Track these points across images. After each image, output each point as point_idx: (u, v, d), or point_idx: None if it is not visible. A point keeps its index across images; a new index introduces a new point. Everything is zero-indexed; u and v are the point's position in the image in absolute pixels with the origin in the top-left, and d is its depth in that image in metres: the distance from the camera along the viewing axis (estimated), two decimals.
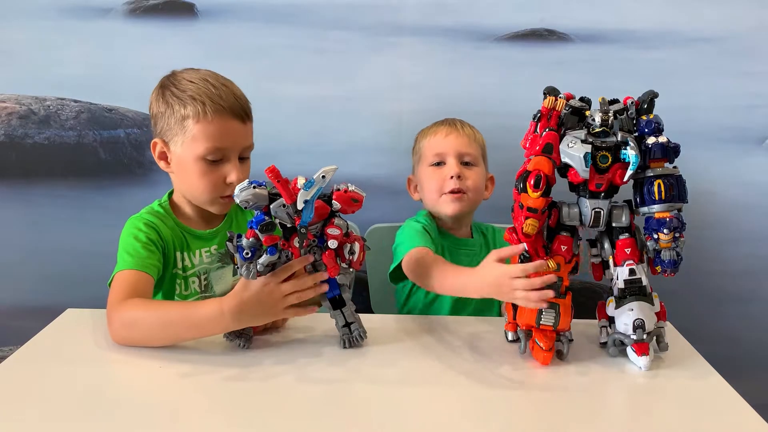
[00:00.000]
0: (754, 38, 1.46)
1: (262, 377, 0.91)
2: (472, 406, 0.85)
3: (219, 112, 1.08)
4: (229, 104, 1.09)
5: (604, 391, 0.90)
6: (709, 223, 1.55)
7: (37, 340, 1.02)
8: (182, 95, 1.10)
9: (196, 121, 1.08)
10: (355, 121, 1.51)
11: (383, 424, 0.80)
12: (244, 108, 1.12)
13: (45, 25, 1.48)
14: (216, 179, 1.11)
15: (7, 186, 1.56)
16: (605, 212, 0.96)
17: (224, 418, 0.81)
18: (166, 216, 1.16)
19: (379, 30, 1.47)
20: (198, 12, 1.48)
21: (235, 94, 1.12)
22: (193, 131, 1.08)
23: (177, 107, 1.10)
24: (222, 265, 1.18)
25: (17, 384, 0.88)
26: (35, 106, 1.52)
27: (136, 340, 0.99)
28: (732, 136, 1.51)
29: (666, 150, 0.94)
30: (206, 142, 1.08)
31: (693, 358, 1.00)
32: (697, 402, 0.87)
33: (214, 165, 1.10)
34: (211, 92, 1.09)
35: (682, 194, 0.95)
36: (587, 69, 1.48)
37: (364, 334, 1.00)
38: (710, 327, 1.58)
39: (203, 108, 1.07)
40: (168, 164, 1.14)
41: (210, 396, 0.86)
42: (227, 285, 1.19)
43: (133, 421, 0.80)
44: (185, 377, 0.90)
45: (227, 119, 1.09)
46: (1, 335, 1.60)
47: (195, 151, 1.09)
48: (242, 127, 1.12)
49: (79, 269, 1.55)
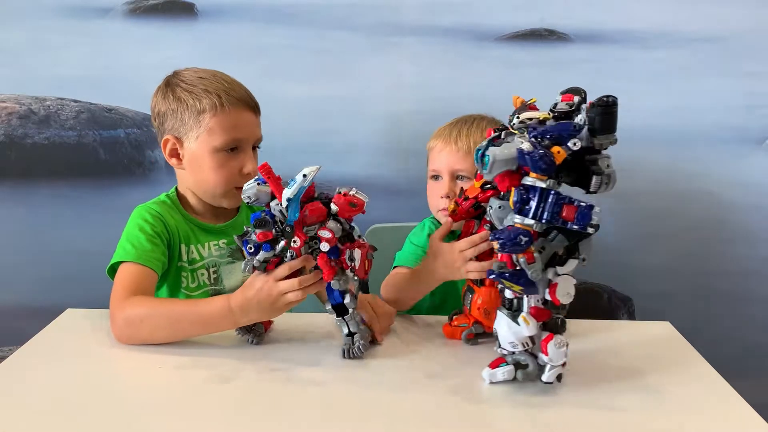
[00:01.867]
0: (754, 38, 1.46)
1: (262, 378, 0.91)
2: (471, 413, 0.85)
3: (234, 104, 1.10)
4: (242, 96, 1.12)
5: (602, 391, 0.90)
6: (709, 223, 1.56)
7: (37, 340, 1.02)
8: (195, 89, 1.11)
9: (213, 113, 1.09)
10: (355, 121, 1.51)
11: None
12: (254, 100, 1.15)
13: (45, 25, 1.48)
14: (232, 170, 1.12)
15: (7, 186, 1.56)
16: (490, 211, 0.88)
17: (224, 418, 0.81)
18: (174, 207, 1.17)
19: (379, 30, 1.48)
20: (198, 12, 1.48)
21: (244, 88, 1.14)
22: (210, 124, 1.09)
23: (192, 102, 1.10)
24: (233, 260, 1.19)
25: (17, 384, 0.88)
26: (35, 106, 1.52)
27: (142, 338, 0.99)
28: (732, 136, 1.51)
29: (523, 157, 0.80)
30: (224, 134, 1.10)
31: (693, 358, 1.00)
32: (697, 402, 0.87)
33: (230, 157, 1.12)
34: (224, 85, 1.11)
35: (525, 210, 0.81)
36: (587, 69, 1.48)
37: (364, 348, 0.97)
38: (710, 327, 1.58)
39: (219, 100, 1.09)
40: (180, 161, 1.14)
41: (209, 396, 0.86)
42: (237, 280, 1.18)
43: (133, 420, 0.80)
44: (185, 377, 0.90)
45: (243, 110, 1.11)
46: (1, 335, 1.60)
47: (212, 143, 1.10)
48: (255, 119, 1.15)
49: (79, 269, 1.55)
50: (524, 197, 0.80)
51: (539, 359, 0.87)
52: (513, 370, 0.88)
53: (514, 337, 0.86)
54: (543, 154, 0.78)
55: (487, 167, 0.81)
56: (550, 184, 0.79)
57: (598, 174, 0.80)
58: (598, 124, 0.78)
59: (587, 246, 0.84)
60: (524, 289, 0.83)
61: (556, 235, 0.82)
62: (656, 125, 1.51)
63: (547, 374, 0.86)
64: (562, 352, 0.85)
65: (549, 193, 0.79)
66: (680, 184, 1.54)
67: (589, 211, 0.79)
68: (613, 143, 0.81)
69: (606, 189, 0.81)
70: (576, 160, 0.81)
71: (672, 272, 1.58)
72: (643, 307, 1.60)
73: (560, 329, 0.87)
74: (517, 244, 0.80)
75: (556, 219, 0.79)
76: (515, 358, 0.88)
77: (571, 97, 0.82)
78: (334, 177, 1.52)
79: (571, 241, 0.83)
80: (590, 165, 0.81)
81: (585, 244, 0.84)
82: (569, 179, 0.82)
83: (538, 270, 0.81)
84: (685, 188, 1.54)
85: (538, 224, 0.80)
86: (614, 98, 0.78)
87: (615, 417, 0.83)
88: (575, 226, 0.79)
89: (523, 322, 0.85)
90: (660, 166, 1.54)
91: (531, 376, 0.87)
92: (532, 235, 0.80)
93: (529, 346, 0.86)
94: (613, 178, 0.81)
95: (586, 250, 0.84)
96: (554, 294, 0.83)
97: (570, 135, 0.79)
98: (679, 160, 1.53)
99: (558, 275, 0.83)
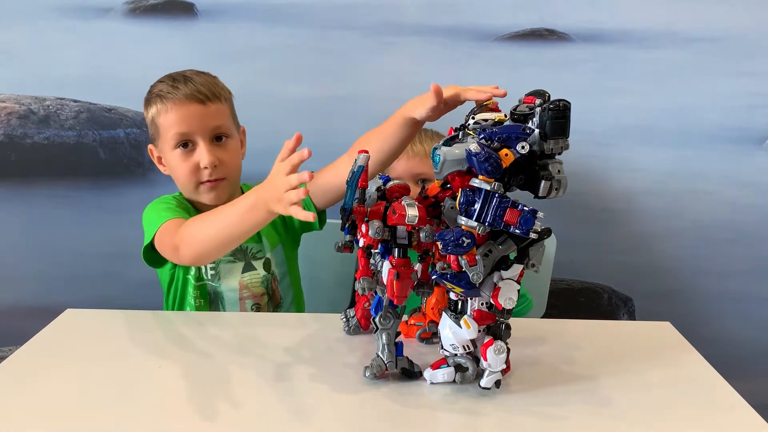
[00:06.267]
0: (754, 38, 1.46)
1: (263, 378, 0.90)
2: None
3: (175, 101, 1.14)
4: (185, 91, 1.14)
5: (603, 391, 0.90)
6: (709, 223, 1.56)
7: (37, 340, 1.01)
8: (151, 98, 1.18)
9: (159, 115, 1.15)
10: (355, 121, 1.51)
11: None
12: (202, 90, 1.15)
13: (45, 25, 1.48)
14: (191, 166, 1.16)
15: (6, 186, 1.56)
16: (444, 210, 0.89)
17: (224, 418, 0.81)
18: (185, 202, 1.22)
19: (379, 30, 1.48)
20: (198, 12, 1.48)
21: (192, 80, 1.15)
22: (163, 125, 1.15)
23: (149, 110, 1.18)
24: (233, 260, 1.21)
25: (17, 384, 0.88)
26: (35, 106, 1.52)
27: (201, 247, 1.02)
28: (732, 136, 1.51)
29: (470, 158, 0.78)
30: (170, 131, 1.15)
31: (693, 358, 1.00)
32: (697, 402, 0.87)
33: (187, 153, 1.16)
34: (168, 86, 1.15)
35: (470, 212, 0.79)
36: (587, 69, 1.48)
37: (375, 372, 0.88)
38: (710, 327, 1.59)
39: (162, 101, 1.14)
40: (165, 167, 1.22)
41: (210, 396, 0.86)
42: (235, 282, 1.22)
43: (134, 420, 0.80)
44: (185, 377, 0.90)
45: (186, 104, 1.14)
46: (1, 335, 1.60)
47: (167, 143, 1.16)
48: (203, 109, 1.15)
49: (79, 269, 1.55)
50: (470, 199, 0.79)
51: (480, 364, 0.86)
52: (453, 372, 0.87)
53: (455, 339, 0.85)
54: (489, 156, 0.76)
55: (438, 166, 0.81)
56: (496, 186, 0.78)
57: (548, 179, 0.78)
58: (549, 129, 0.76)
59: (537, 252, 0.82)
60: (465, 292, 0.82)
61: (505, 239, 0.81)
62: (656, 125, 1.51)
63: (485, 380, 0.85)
64: (501, 358, 0.84)
65: (493, 196, 0.78)
66: (680, 184, 1.54)
67: (532, 216, 0.78)
68: (565, 148, 0.79)
69: (556, 195, 0.79)
70: (530, 165, 0.80)
71: (672, 272, 1.58)
72: (643, 307, 1.60)
73: (504, 334, 0.86)
74: (459, 246, 0.78)
75: (498, 222, 0.78)
76: (457, 361, 0.88)
77: (533, 99, 0.80)
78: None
79: (519, 246, 0.82)
80: (540, 170, 0.79)
81: (535, 250, 0.82)
82: (522, 183, 0.81)
83: (479, 273, 0.80)
84: (685, 188, 1.54)
85: (481, 227, 0.79)
86: (566, 103, 0.77)
87: (615, 417, 0.83)
88: (517, 231, 0.78)
89: (464, 324, 0.84)
90: (660, 166, 1.54)
91: (469, 380, 0.87)
92: (475, 238, 0.79)
93: (470, 349, 0.86)
94: (563, 184, 0.79)
95: (535, 256, 0.82)
96: (496, 298, 0.82)
97: (518, 138, 0.77)
98: (679, 160, 1.53)
99: (502, 279, 0.82)
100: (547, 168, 0.78)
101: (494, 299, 0.82)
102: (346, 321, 1.03)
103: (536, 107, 0.78)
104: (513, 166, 0.78)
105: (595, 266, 1.59)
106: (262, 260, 1.24)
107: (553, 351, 1.00)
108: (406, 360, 0.89)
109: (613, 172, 1.55)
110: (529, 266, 0.82)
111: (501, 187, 0.78)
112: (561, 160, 0.80)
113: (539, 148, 0.78)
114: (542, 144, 0.77)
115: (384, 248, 0.88)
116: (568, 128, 0.77)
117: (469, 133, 0.83)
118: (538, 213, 0.78)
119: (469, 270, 0.79)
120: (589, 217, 1.56)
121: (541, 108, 0.77)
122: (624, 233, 1.57)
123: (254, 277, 1.23)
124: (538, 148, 0.77)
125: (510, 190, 0.80)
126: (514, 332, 0.89)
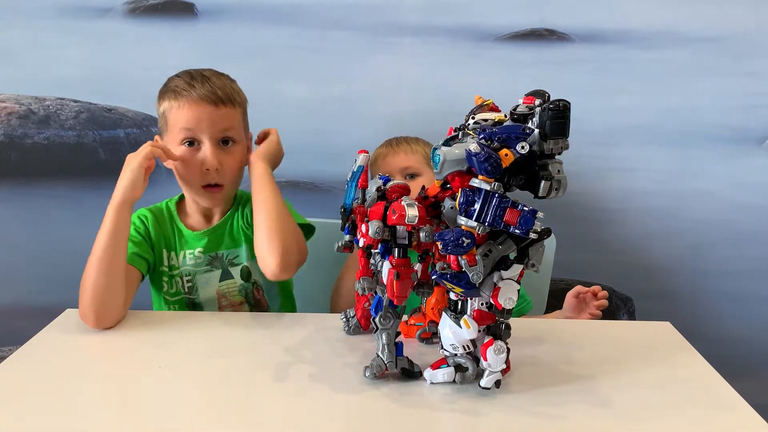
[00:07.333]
0: (754, 38, 1.46)
1: (263, 378, 0.90)
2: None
3: (189, 99, 1.13)
4: (200, 91, 1.13)
5: (603, 391, 0.90)
6: (708, 223, 1.56)
7: (37, 340, 1.02)
8: (166, 91, 1.16)
9: (171, 110, 1.14)
10: (355, 121, 1.51)
11: None
12: (217, 93, 1.14)
13: (45, 25, 1.48)
14: (195, 166, 1.15)
15: (6, 186, 1.56)
16: (443, 211, 0.89)
17: (224, 418, 0.81)
18: (163, 215, 1.21)
19: (379, 30, 1.48)
20: (198, 12, 1.48)
21: (210, 80, 1.15)
22: (172, 121, 1.14)
23: (162, 104, 1.16)
24: (210, 269, 1.20)
25: (17, 384, 0.88)
26: (35, 106, 1.52)
27: (88, 293, 1.05)
28: (732, 136, 1.51)
29: (470, 158, 0.78)
30: (178, 126, 1.14)
31: (693, 358, 1.00)
32: (697, 402, 0.87)
33: (192, 151, 1.15)
34: (185, 83, 1.14)
35: (470, 212, 0.79)
36: (587, 69, 1.48)
37: (375, 372, 0.89)
38: (710, 327, 1.59)
39: (176, 97, 1.13)
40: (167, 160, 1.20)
41: (210, 396, 0.86)
42: (212, 291, 1.21)
43: (134, 420, 0.80)
44: (185, 377, 0.90)
45: (197, 104, 1.13)
46: (1, 335, 1.60)
47: (173, 138, 1.15)
48: (214, 111, 1.14)
49: (79, 269, 1.53)
50: (469, 199, 0.79)
51: (480, 364, 0.86)
52: (453, 372, 0.87)
53: (455, 339, 0.85)
54: (489, 156, 0.76)
55: (438, 166, 0.81)
56: (495, 186, 0.78)
57: (547, 179, 0.78)
58: (549, 129, 0.76)
59: (537, 252, 0.82)
60: (465, 292, 0.82)
61: (505, 239, 0.81)
62: (656, 125, 1.51)
63: (485, 380, 0.85)
64: (501, 358, 0.83)
65: (493, 196, 0.78)
66: (680, 184, 1.54)
67: (532, 216, 0.77)
68: (565, 148, 0.79)
69: (556, 195, 0.79)
70: (530, 165, 0.80)
71: (672, 272, 1.58)
72: (643, 307, 1.60)
73: (504, 334, 0.86)
74: (459, 246, 0.78)
75: (498, 222, 0.78)
76: (456, 361, 0.88)
77: (533, 99, 0.80)
78: (333, 177, 1.52)
79: (519, 246, 0.82)
80: (540, 170, 0.79)
81: (534, 250, 0.82)
82: (521, 183, 0.81)
83: (479, 273, 0.79)
84: (685, 188, 1.54)
85: (480, 227, 0.79)
86: (566, 103, 0.76)
87: (615, 416, 0.83)
88: (517, 231, 0.78)
89: (464, 324, 0.84)
90: (660, 166, 1.54)
91: (469, 380, 0.87)
92: (475, 238, 0.79)
93: (470, 349, 0.86)
94: (563, 184, 0.79)
95: (535, 256, 0.82)
96: (496, 298, 0.82)
97: (518, 138, 0.77)
98: (679, 160, 1.53)
99: (502, 279, 0.82)
100: (547, 168, 0.78)
101: (494, 299, 0.82)
102: (346, 321, 1.03)
103: (536, 107, 0.78)
104: (513, 166, 0.78)
105: (594, 266, 1.59)
106: (240, 267, 1.22)
107: (553, 351, 1.00)
108: (406, 360, 0.89)
109: (613, 172, 1.55)
110: (528, 266, 0.82)
111: (501, 187, 0.78)
112: (561, 160, 0.79)
113: (539, 148, 0.77)
114: (542, 144, 0.77)
115: (384, 248, 0.87)
116: (568, 128, 0.77)
117: (469, 133, 0.83)
118: (538, 213, 0.77)
119: (469, 270, 0.79)
120: (589, 217, 1.56)
121: (541, 108, 0.77)
122: (624, 233, 1.57)
123: (231, 285, 1.22)
124: (538, 148, 0.77)
125: (510, 190, 0.80)
126: (514, 332, 0.89)
